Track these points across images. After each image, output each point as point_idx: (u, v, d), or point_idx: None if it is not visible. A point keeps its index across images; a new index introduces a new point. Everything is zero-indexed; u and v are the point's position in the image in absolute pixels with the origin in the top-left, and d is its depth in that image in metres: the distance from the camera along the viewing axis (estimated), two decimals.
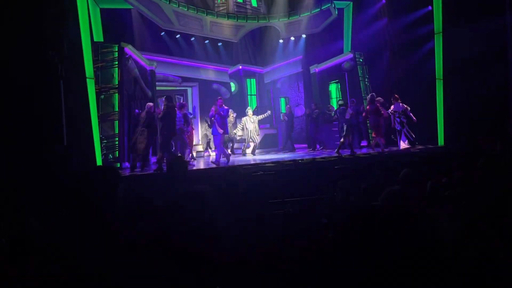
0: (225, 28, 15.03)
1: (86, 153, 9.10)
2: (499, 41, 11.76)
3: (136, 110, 11.69)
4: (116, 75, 11.01)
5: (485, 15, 11.47)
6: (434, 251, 1.50)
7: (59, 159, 7.30)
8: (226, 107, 10.72)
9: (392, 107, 12.42)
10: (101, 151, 10.21)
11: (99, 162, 9.54)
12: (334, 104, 15.25)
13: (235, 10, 15.32)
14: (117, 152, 10.96)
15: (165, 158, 9.18)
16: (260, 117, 13.70)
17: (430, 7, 13.38)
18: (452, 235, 1.89)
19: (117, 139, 10.99)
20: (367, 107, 12.24)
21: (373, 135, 12.35)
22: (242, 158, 12.99)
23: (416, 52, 13.94)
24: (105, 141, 10.70)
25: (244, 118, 13.65)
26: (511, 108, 11.63)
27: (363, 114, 12.64)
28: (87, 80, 9.37)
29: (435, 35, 13.15)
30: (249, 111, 13.71)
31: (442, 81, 13.00)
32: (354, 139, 14.14)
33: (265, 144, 15.47)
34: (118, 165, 10.70)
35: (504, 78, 11.69)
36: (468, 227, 2.02)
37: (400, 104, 12.28)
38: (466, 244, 1.83)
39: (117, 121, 10.92)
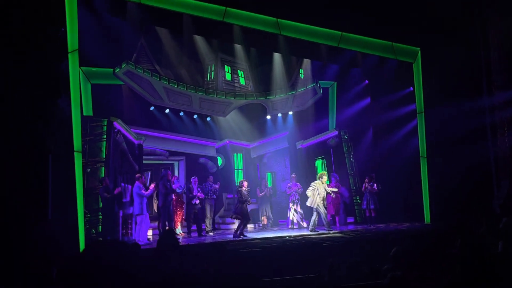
0: (214, 104, 15.39)
1: (69, 227, 8.88)
2: (480, 120, 12.23)
3: (122, 184, 11.61)
4: (103, 149, 11.05)
5: (465, 96, 12.00)
6: None
7: (42, 235, 7.11)
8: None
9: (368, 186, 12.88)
10: (84, 226, 9.98)
11: (81, 237, 9.29)
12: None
13: (224, 87, 15.79)
14: (100, 227, 10.73)
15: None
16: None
17: (411, 88, 13.99)
18: None
19: (100, 213, 10.81)
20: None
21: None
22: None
23: (400, 131, 14.34)
24: (88, 215, 10.50)
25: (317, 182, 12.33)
26: (495, 186, 11.83)
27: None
28: (75, 153, 9.37)
29: (418, 114, 13.63)
30: (324, 177, 12.42)
31: (426, 159, 13.28)
32: (340, 215, 14.16)
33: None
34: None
35: (487, 157, 12.01)
36: None
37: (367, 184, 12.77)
38: None
39: (99, 195, 10.78)
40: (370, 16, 12.65)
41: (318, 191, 11.98)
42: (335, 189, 12.69)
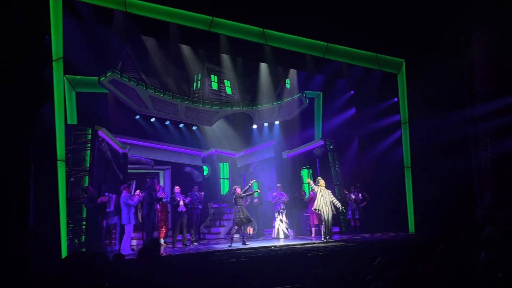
0: (200, 114, 15.37)
1: (51, 237, 8.75)
2: (462, 131, 12.39)
3: (106, 193, 11.50)
4: (88, 158, 10.93)
5: (448, 107, 12.18)
6: None
7: (23, 244, 7.00)
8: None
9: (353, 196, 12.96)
10: (67, 236, 9.85)
11: (64, 247, 9.16)
12: (306, 189, 15.38)
13: (210, 96, 15.80)
14: (83, 237, 10.59)
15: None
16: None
17: (396, 99, 14.15)
18: None
19: (84, 223, 10.67)
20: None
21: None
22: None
23: (384, 141, 14.48)
24: (71, 225, 10.36)
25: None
26: (478, 196, 11.97)
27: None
28: (58, 162, 9.25)
29: (402, 125, 13.78)
30: (321, 181, 12.37)
31: (410, 169, 13.40)
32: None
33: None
34: (84, 250, 10.30)
35: (470, 167, 12.16)
36: None
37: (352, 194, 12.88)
38: None
39: (84, 204, 10.66)
40: (355, 27, 12.81)
41: (322, 193, 11.99)
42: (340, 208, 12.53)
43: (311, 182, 12.50)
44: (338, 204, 12.03)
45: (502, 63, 11.60)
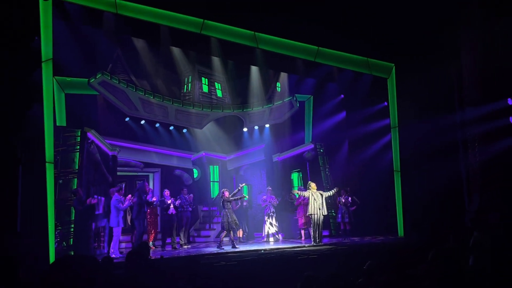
0: (191, 116, 15.32)
1: (39, 240, 8.65)
2: (452, 135, 12.49)
3: (95, 196, 11.40)
4: (76, 160, 10.84)
5: (437, 111, 12.27)
6: None
7: (10, 247, 6.91)
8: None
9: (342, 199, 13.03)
10: (55, 238, 9.75)
11: (52, 250, 9.06)
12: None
13: (201, 99, 15.76)
14: (71, 239, 10.49)
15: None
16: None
17: (386, 103, 14.23)
18: None
19: (72, 226, 10.58)
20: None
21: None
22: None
23: (374, 145, 14.55)
24: (59, 227, 10.26)
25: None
26: (466, 200, 12.05)
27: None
28: (47, 164, 9.16)
29: (392, 129, 13.85)
30: (312, 184, 12.40)
31: (399, 173, 13.47)
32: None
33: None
34: (72, 253, 10.20)
35: (458, 171, 12.25)
36: None
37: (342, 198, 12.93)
38: None
39: (73, 206, 10.57)
40: (346, 32, 12.88)
41: (314, 196, 12.03)
42: (334, 190, 12.68)
43: (300, 192, 12.56)
44: (331, 193, 12.43)
45: (491, 69, 11.72)
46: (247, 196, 13.38)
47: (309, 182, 12.65)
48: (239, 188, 12.43)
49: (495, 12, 11.44)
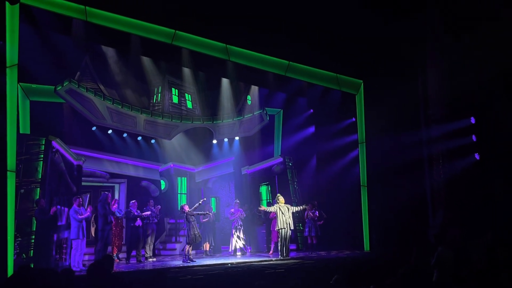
0: (159, 127, 15.13)
1: None
2: (417, 151, 12.77)
3: (58, 206, 11.06)
4: (40, 169, 10.51)
5: (404, 128, 12.55)
6: None
7: None
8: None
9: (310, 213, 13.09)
10: (14, 250, 9.38)
11: (10, 262, 8.71)
12: (265, 205, 15.37)
13: (170, 110, 15.60)
14: (31, 251, 10.12)
15: None
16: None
17: (354, 119, 14.46)
18: None
19: (33, 237, 10.21)
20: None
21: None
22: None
23: (342, 159, 14.73)
24: (19, 238, 9.88)
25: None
26: (430, 216, 12.29)
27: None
28: (8, 173, 8.86)
29: (359, 145, 14.07)
30: (281, 197, 12.53)
31: (366, 188, 13.66)
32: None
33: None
34: (32, 265, 9.82)
35: (423, 187, 12.50)
36: None
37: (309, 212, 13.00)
38: None
39: (35, 217, 10.22)
40: (316, 47, 13.07)
41: (282, 210, 12.08)
42: (303, 206, 12.91)
43: (267, 208, 12.61)
44: (299, 208, 12.54)
45: (455, 87, 12.08)
46: (211, 212, 13.28)
47: (278, 194, 12.68)
48: (200, 202, 12.32)
49: (459, 32, 11.84)
